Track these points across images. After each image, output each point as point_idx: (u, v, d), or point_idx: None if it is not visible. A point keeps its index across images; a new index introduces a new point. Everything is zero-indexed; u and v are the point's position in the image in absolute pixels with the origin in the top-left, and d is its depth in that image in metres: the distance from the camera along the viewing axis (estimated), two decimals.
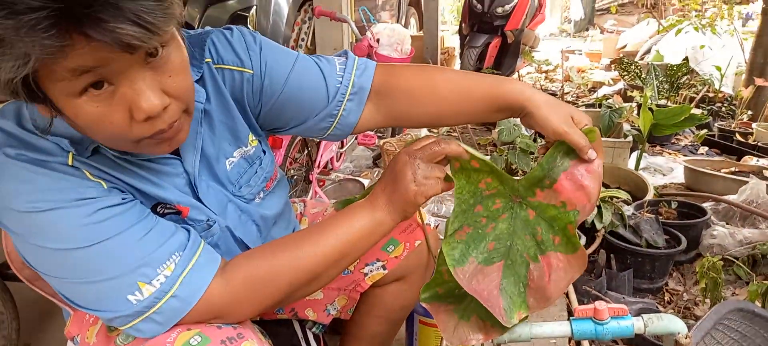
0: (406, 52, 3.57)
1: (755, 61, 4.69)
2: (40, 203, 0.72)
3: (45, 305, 1.86)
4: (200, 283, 0.78)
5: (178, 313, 0.77)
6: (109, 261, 0.74)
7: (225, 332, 0.78)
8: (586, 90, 6.13)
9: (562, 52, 5.77)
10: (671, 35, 6.34)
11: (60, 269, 0.76)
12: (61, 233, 0.73)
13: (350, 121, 1.04)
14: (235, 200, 1.00)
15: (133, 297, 0.74)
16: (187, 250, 0.80)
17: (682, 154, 3.91)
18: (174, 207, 0.89)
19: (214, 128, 0.95)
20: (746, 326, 1.46)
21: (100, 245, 0.74)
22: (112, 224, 0.75)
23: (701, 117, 3.22)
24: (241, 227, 1.00)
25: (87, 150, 0.77)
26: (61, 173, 0.75)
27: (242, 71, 0.95)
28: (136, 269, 0.75)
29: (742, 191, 2.54)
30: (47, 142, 0.75)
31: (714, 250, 2.27)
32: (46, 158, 0.74)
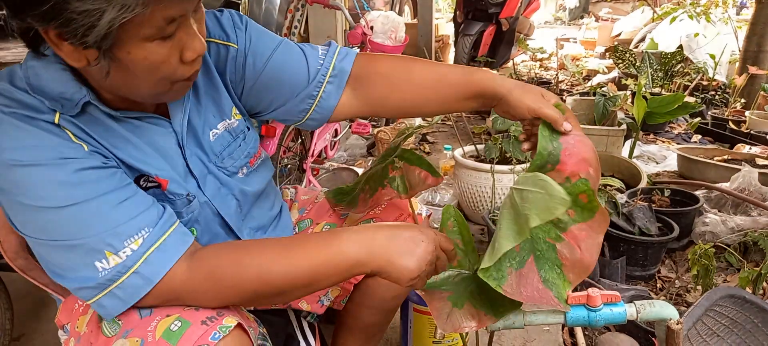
0: (400, 39, 3.55)
1: (749, 49, 4.71)
2: (22, 157, 0.74)
3: (39, 295, 1.86)
4: (164, 264, 0.78)
5: (139, 291, 0.77)
6: (79, 224, 0.75)
7: (204, 313, 0.78)
8: (580, 78, 6.13)
9: (557, 40, 5.76)
10: (666, 23, 6.35)
11: (36, 228, 0.77)
12: (38, 191, 0.75)
13: (330, 104, 1.06)
14: (217, 173, 1.00)
15: (99, 265, 0.75)
16: (157, 227, 0.80)
17: (676, 142, 3.93)
18: (154, 180, 0.89)
19: (199, 99, 0.97)
20: (737, 312, 1.48)
21: (74, 207, 0.75)
22: (88, 188, 0.77)
23: (695, 105, 3.23)
24: (219, 200, 1.00)
25: (76, 107, 0.79)
26: (45, 130, 0.77)
27: (228, 46, 1.00)
28: (104, 238, 0.76)
29: (735, 179, 2.56)
30: (35, 99, 0.78)
31: (706, 237, 2.29)
32: (34, 115, 0.77)
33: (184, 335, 0.74)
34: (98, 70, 0.76)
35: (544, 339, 1.73)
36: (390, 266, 0.85)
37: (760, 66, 4.52)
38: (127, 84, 0.79)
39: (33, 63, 0.80)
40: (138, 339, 0.76)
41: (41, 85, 0.78)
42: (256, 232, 1.11)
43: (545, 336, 1.74)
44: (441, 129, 4.41)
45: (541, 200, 0.75)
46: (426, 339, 1.48)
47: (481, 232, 2.55)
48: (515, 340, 1.72)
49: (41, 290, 1.08)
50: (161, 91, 0.82)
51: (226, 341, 0.76)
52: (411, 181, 1.04)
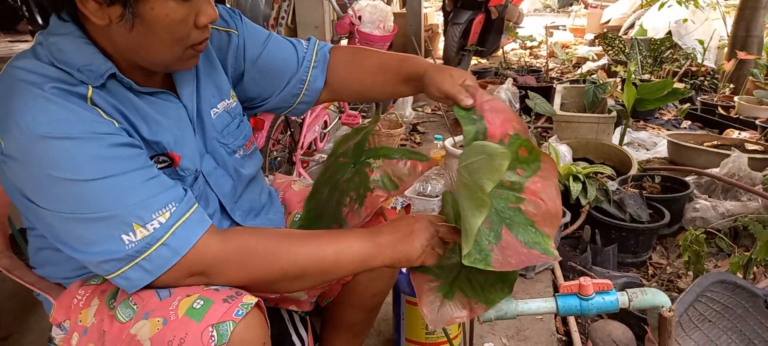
0: (389, 29, 3.53)
1: (737, 34, 4.72)
2: (56, 131, 0.76)
3: (25, 296, 1.84)
4: (191, 237, 0.81)
5: (167, 262, 0.79)
6: (110, 197, 0.77)
7: (224, 292, 0.81)
8: (570, 66, 6.13)
9: (546, 28, 5.75)
10: (654, 9, 6.35)
11: (63, 202, 0.77)
12: (72, 163, 0.76)
13: (317, 86, 1.18)
14: (217, 150, 1.04)
15: (126, 237, 0.77)
16: (183, 204, 0.83)
17: (666, 128, 3.94)
18: (167, 156, 0.92)
19: (199, 79, 1.02)
20: (728, 297, 1.49)
21: (105, 181, 0.77)
22: (120, 163, 0.79)
23: (684, 91, 3.24)
24: (215, 179, 1.04)
25: (101, 78, 0.83)
26: (77, 106, 0.79)
27: (228, 31, 1.09)
28: (134, 210, 0.78)
29: (724, 164, 2.57)
30: (62, 72, 0.81)
31: (696, 223, 2.30)
32: (66, 87, 0.80)
33: (208, 312, 0.77)
34: (118, 31, 0.80)
35: (537, 328, 1.73)
36: (396, 253, 0.90)
37: (748, 51, 4.54)
38: (145, 45, 0.83)
39: (54, 39, 0.82)
40: (160, 319, 0.78)
41: (65, 58, 0.81)
42: (247, 214, 1.12)
43: (538, 325, 1.74)
44: (431, 119, 4.40)
45: (486, 163, 0.75)
46: (419, 331, 1.47)
47: None
48: (508, 329, 1.72)
49: (28, 289, 1.06)
50: (174, 56, 0.86)
51: (248, 319, 0.78)
52: (398, 174, 1.02)
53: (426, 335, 1.47)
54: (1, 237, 1.13)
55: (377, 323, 1.72)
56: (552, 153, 2.55)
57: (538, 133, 3.75)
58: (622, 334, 1.62)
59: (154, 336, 0.77)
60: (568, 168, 2.38)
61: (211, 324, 0.75)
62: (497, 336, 1.70)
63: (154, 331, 0.77)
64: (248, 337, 0.79)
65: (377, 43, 3.49)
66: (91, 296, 0.93)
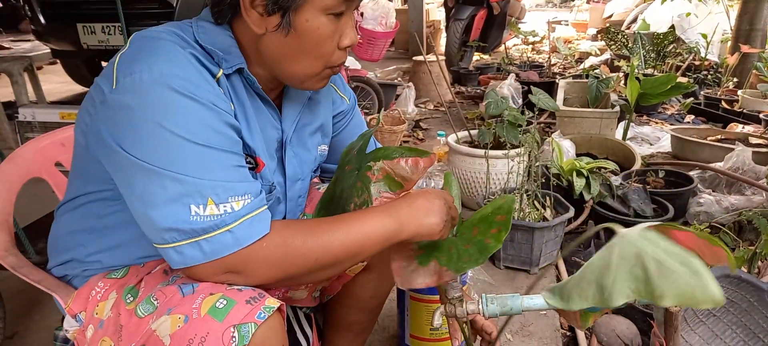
0: (391, 25, 3.53)
1: (741, 27, 4.70)
2: (184, 88, 0.80)
3: (31, 294, 1.85)
4: (256, 232, 0.82)
5: (225, 249, 0.80)
6: (200, 165, 0.80)
7: (247, 293, 0.81)
8: (572, 61, 6.12)
9: (549, 23, 5.73)
10: (657, 3, 6.34)
11: (154, 152, 0.79)
12: (184, 120, 0.79)
13: None
14: (306, 182, 1.12)
15: (194, 208, 0.78)
16: (257, 199, 0.85)
17: (669, 123, 3.93)
18: (255, 159, 0.96)
19: (315, 117, 1.11)
20: (733, 291, 1.48)
21: (205, 149, 0.80)
22: (223, 140, 0.83)
23: (687, 85, 3.23)
24: (293, 205, 1.10)
25: (231, 68, 0.89)
26: (207, 79, 0.85)
27: (343, 98, 1.21)
28: (215, 187, 0.80)
29: (728, 159, 2.56)
30: (205, 52, 0.88)
31: (701, 217, 2.30)
32: (202, 59, 0.86)
33: (230, 312, 0.77)
34: (271, 40, 0.88)
35: (541, 324, 1.73)
36: (421, 228, 0.93)
37: (752, 44, 4.52)
38: (292, 56, 0.90)
39: (204, 23, 0.91)
40: (182, 316, 0.78)
41: (209, 41, 0.89)
42: None
43: (542, 320, 1.74)
44: (434, 115, 4.40)
45: (684, 280, 0.54)
46: (424, 327, 1.47)
47: None
48: (513, 325, 1.72)
49: (34, 287, 1.06)
50: (313, 72, 0.93)
51: (269, 322, 0.79)
52: (400, 173, 1.02)
53: (430, 330, 1.47)
54: (7, 235, 1.14)
55: (381, 319, 1.73)
56: (555, 148, 2.54)
57: (541, 129, 3.74)
58: (627, 329, 1.62)
59: (174, 333, 0.77)
60: (572, 163, 2.37)
61: (233, 325, 0.76)
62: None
63: (175, 328, 0.77)
64: (269, 340, 0.79)
65: (379, 39, 3.49)
66: (110, 289, 0.93)
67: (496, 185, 2.37)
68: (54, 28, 3.95)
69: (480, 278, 1.97)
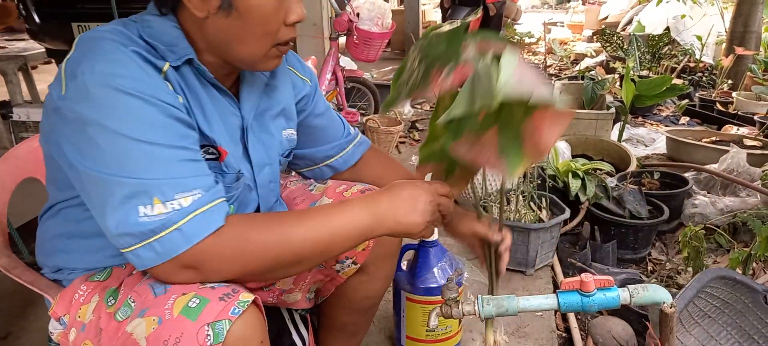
0: (387, 26, 3.52)
1: (735, 30, 4.73)
2: (126, 86, 0.79)
3: (24, 295, 1.83)
4: (206, 227, 0.80)
5: (177, 247, 0.78)
6: (144, 164, 0.78)
7: (220, 289, 0.80)
8: (568, 62, 6.13)
9: (545, 25, 5.75)
10: (652, 5, 6.36)
11: (103, 159, 0.78)
12: (126, 119, 0.78)
13: (352, 159, 1.27)
14: (275, 166, 1.10)
15: (143, 209, 0.77)
16: (209, 194, 0.82)
17: (664, 124, 3.94)
18: (216, 149, 0.95)
19: (277, 103, 1.09)
20: (728, 293, 1.49)
21: (148, 146, 0.79)
22: (169, 135, 0.81)
23: (682, 87, 3.25)
24: (265, 191, 1.08)
25: (179, 60, 0.88)
26: (151, 73, 0.83)
27: (304, 80, 1.18)
28: (160, 185, 0.78)
29: (723, 160, 2.57)
30: (149, 47, 0.87)
31: (696, 219, 2.30)
32: (146, 55, 0.84)
33: (203, 311, 0.76)
34: (214, 24, 0.86)
35: (537, 325, 1.73)
36: (399, 226, 0.92)
37: (746, 47, 4.54)
38: (238, 37, 0.88)
39: (148, 17, 0.89)
40: (155, 318, 0.77)
41: (154, 35, 0.87)
42: None
43: (538, 322, 1.74)
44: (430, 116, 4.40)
45: None
46: (419, 328, 1.47)
47: None
48: (509, 326, 1.72)
49: (27, 288, 1.05)
50: (261, 52, 0.91)
51: (244, 317, 0.78)
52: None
53: (427, 332, 1.47)
54: (0, 236, 1.13)
55: (377, 321, 1.72)
56: (551, 150, 2.55)
57: None
58: (622, 330, 1.62)
59: (149, 335, 0.76)
60: (567, 165, 2.38)
61: (207, 323, 0.75)
62: (497, 332, 1.69)
63: (150, 330, 0.76)
64: (245, 335, 0.78)
65: (375, 39, 3.48)
66: (92, 292, 0.93)
67: (492, 186, 2.37)
68: (49, 28, 3.92)
69: (476, 279, 1.97)
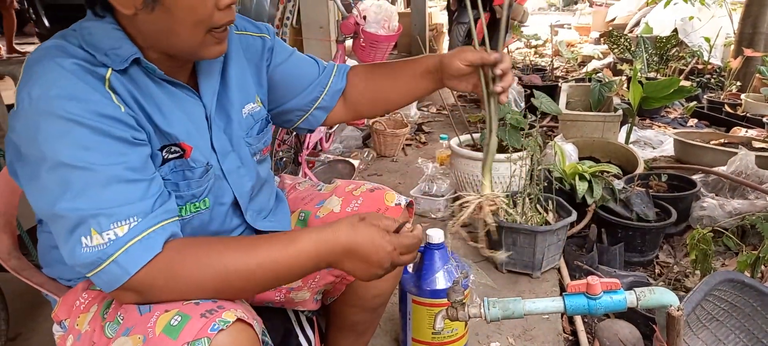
0: (394, 29, 3.53)
1: (744, 31, 4.69)
2: (60, 109, 0.77)
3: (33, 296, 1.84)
4: (142, 257, 0.78)
5: (118, 279, 0.78)
6: (82, 191, 0.77)
7: (204, 306, 0.79)
8: (575, 64, 6.12)
9: (551, 27, 5.74)
10: (660, 7, 6.33)
11: (47, 190, 0.78)
12: (62, 145, 0.77)
13: (338, 87, 1.24)
14: (242, 150, 1.07)
15: (85, 240, 0.77)
16: (145, 220, 0.80)
17: (672, 126, 3.92)
18: (179, 146, 0.93)
19: (228, 82, 1.06)
20: (736, 296, 1.48)
21: (84, 172, 0.77)
22: (103, 154, 0.79)
23: (690, 89, 3.23)
24: (236, 178, 1.06)
25: (125, 62, 0.85)
26: (91, 86, 0.81)
27: (262, 36, 1.15)
28: (96, 213, 0.77)
29: (732, 163, 2.55)
30: (88, 53, 0.85)
31: (704, 222, 2.29)
32: (87, 66, 0.83)
33: (184, 329, 0.75)
34: (144, 19, 0.84)
35: (543, 328, 1.72)
36: (350, 273, 0.91)
37: (755, 48, 4.51)
38: (168, 30, 0.85)
39: (87, 24, 0.87)
40: (140, 336, 0.77)
41: (94, 41, 0.85)
42: (257, 214, 1.13)
43: (545, 324, 1.74)
44: (437, 119, 4.40)
45: None
46: (425, 330, 1.47)
47: None
48: (515, 329, 1.72)
49: (36, 290, 1.06)
50: (197, 41, 0.87)
51: (225, 333, 0.76)
52: None
53: (433, 334, 1.47)
54: (10, 238, 1.14)
55: (383, 323, 1.72)
56: (558, 152, 2.54)
57: (544, 133, 3.74)
58: (629, 333, 1.61)
59: None
60: (574, 167, 2.37)
61: (187, 342, 0.74)
62: (504, 336, 1.69)
63: None
64: None
65: (382, 42, 3.49)
66: (92, 301, 0.93)
67: (499, 188, 2.37)
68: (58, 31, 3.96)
69: (482, 281, 1.96)
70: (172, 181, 0.93)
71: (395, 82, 1.22)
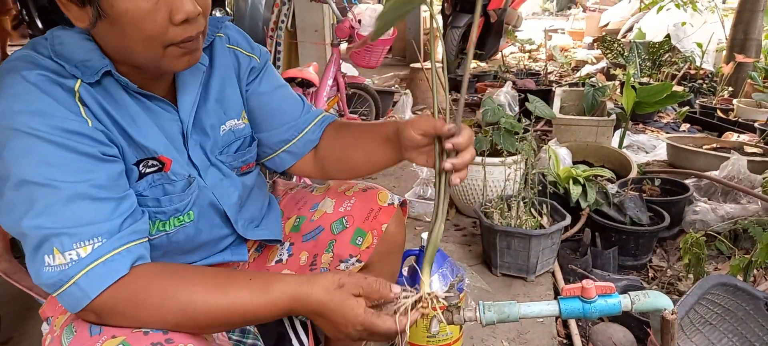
0: (389, 33, 3.53)
1: (736, 37, 4.73)
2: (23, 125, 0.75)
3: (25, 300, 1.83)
4: (104, 280, 0.75)
5: (78, 302, 0.75)
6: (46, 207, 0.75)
7: (151, 337, 0.76)
8: (569, 69, 6.14)
9: (545, 32, 5.77)
10: (653, 12, 6.37)
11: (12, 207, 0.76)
12: (25, 162, 0.75)
13: (312, 138, 1.17)
14: (220, 166, 1.04)
15: (48, 259, 0.75)
16: (110, 241, 0.77)
17: (665, 131, 3.95)
18: (158, 159, 0.91)
19: (208, 97, 1.02)
20: (729, 300, 1.48)
21: (48, 189, 0.75)
22: (69, 171, 0.77)
23: (683, 94, 3.25)
24: (221, 190, 1.03)
25: (96, 74, 0.83)
26: (61, 99, 0.79)
27: (251, 56, 1.11)
28: (59, 232, 0.75)
29: (724, 167, 2.57)
30: (58, 65, 0.82)
31: (696, 226, 2.30)
32: (55, 78, 0.80)
33: None
34: (98, 33, 0.81)
35: (538, 331, 1.73)
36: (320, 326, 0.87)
37: (746, 54, 4.55)
38: (121, 45, 0.81)
39: (58, 33, 0.84)
40: None
41: (65, 52, 0.82)
42: (248, 223, 1.12)
43: (539, 328, 1.74)
44: None
45: None
46: (420, 334, 1.47)
47: (473, 224, 2.54)
48: (509, 332, 1.72)
49: (28, 293, 1.05)
50: (154, 55, 0.82)
51: None
52: None
53: (427, 338, 1.47)
54: (1, 241, 1.13)
55: None
56: (552, 156, 2.55)
57: (538, 137, 3.75)
58: (623, 337, 1.62)
59: None
60: (568, 171, 2.38)
61: None
62: (498, 339, 1.69)
63: None
64: None
65: (377, 46, 3.49)
66: None
67: (493, 192, 2.38)
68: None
69: (477, 285, 1.96)
70: (151, 196, 0.91)
71: (357, 141, 1.14)
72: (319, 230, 1.20)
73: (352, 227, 1.18)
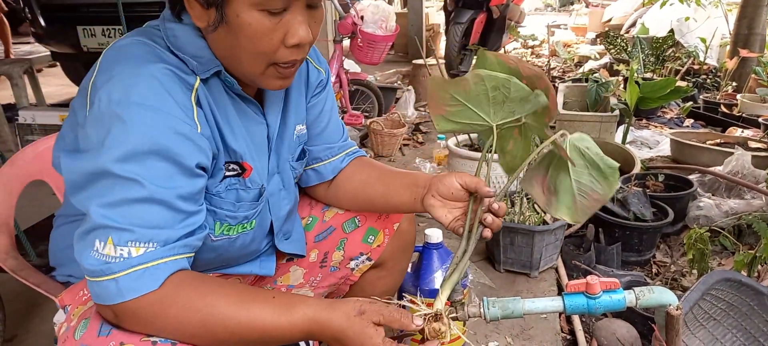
0: (391, 29, 3.53)
1: (740, 32, 4.71)
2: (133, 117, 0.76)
3: (31, 297, 1.84)
4: (142, 286, 0.75)
5: (110, 297, 0.75)
6: (118, 201, 0.75)
7: None
8: (572, 65, 6.13)
9: (548, 27, 5.75)
10: (656, 7, 6.35)
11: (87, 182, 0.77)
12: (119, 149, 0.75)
13: (340, 165, 1.18)
14: (287, 171, 1.07)
15: (98, 244, 0.75)
16: (163, 249, 0.77)
17: (668, 127, 3.94)
18: (240, 165, 0.93)
19: (288, 103, 1.05)
20: (733, 295, 1.48)
21: (129, 182, 0.75)
22: (161, 175, 0.77)
23: (686, 89, 3.24)
24: (276, 200, 1.06)
25: (207, 72, 0.86)
26: (179, 97, 0.80)
27: (319, 70, 1.13)
28: (120, 225, 0.74)
29: (728, 162, 2.56)
30: (177, 58, 0.84)
31: (700, 221, 2.30)
32: (177, 72, 0.82)
33: None
34: (213, 36, 0.83)
35: (541, 327, 1.73)
36: None
37: (750, 49, 4.53)
38: (231, 53, 0.84)
39: (171, 25, 0.86)
40: None
41: (180, 45, 0.85)
42: (284, 236, 1.13)
43: (543, 324, 1.74)
44: None
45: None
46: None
47: None
48: (513, 328, 1.72)
49: (34, 290, 1.06)
50: (257, 70, 0.86)
51: None
52: None
53: None
54: (7, 239, 1.14)
55: None
56: None
57: None
58: (627, 332, 1.62)
59: None
60: None
61: None
62: (502, 335, 1.69)
63: None
64: None
65: (379, 42, 3.49)
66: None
67: (496, 188, 2.37)
68: (54, 31, 3.95)
69: (480, 281, 1.97)
70: (227, 199, 0.92)
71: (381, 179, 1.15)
72: (330, 230, 1.21)
73: (364, 226, 1.20)
